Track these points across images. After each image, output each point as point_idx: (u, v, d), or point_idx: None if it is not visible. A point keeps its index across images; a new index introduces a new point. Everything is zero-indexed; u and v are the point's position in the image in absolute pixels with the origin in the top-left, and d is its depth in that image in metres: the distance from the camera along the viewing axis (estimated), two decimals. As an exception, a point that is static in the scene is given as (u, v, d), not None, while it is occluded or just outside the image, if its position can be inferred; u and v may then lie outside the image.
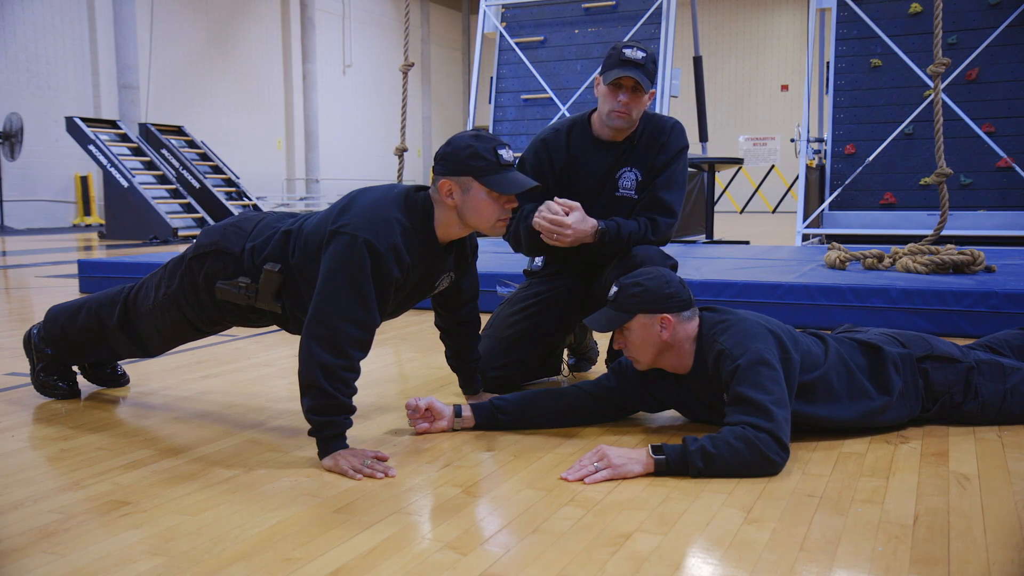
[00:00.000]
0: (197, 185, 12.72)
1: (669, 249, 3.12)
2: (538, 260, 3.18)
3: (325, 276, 2.18)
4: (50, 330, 2.78)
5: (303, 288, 2.32)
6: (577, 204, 2.75)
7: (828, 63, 8.44)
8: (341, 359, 2.13)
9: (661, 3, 8.88)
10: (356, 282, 2.14)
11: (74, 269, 6.71)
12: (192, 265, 2.46)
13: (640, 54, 2.78)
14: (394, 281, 2.21)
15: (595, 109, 2.94)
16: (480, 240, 2.59)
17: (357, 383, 2.19)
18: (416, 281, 2.35)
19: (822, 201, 7.91)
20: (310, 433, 2.18)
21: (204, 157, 13.67)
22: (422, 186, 2.36)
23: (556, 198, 2.76)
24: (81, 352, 2.82)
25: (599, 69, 2.88)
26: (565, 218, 2.69)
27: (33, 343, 2.83)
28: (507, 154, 2.26)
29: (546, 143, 2.97)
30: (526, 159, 3.00)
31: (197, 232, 11.81)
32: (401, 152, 6.80)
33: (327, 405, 2.13)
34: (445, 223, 2.29)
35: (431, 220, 2.29)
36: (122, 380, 3.04)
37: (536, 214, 2.74)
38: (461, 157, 2.23)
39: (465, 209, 2.26)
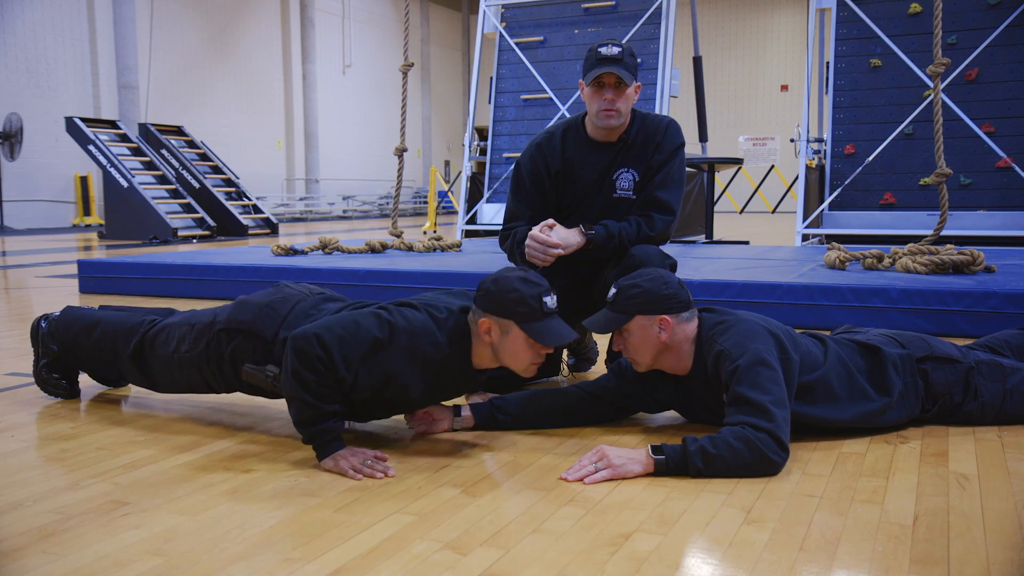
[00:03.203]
0: (197, 185, 12.73)
1: (669, 249, 3.13)
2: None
3: (346, 314, 2.19)
4: (62, 333, 2.78)
5: None
6: (551, 220, 2.80)
7: (828, 63, 8.44)
8: (316, 375, 2.11)
9: (661, 3, 8.88)
10: (358, 339, 2.12)
11: (74, 269, 6.71)
12: (221, 337, 2.43)
13: (616, 49, 2.79)
14: (388, 375, 2.17)
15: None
16: (480, 240, 2.59)
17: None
18: (441, 395, 2.38)
19: (822, 201, 7.91)
20: (305, 442, 2.18)
21: (204, 157, 13.68)
22: (467, 307, 2.31)
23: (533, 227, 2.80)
24: (88, 365, 2.84)
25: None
26: (550, 239, 2.72)
27: (41, 335, 2.82)
28: (551, 302, 2.22)
29: (541, 148, 2.98)
30: (522, 165, 3.00)
31: (197, 232, 11.81)
32: (401, 152, 6.81)
33: (313, 415, 2.13)
34: (479, 355, 2.27)
35: (469, 350, 2.27)
36: (123, 380, 3.04)
37: (526, 244, 2.79)
38: (506, 300, 2.19)
39: (501, 349, 2.23)
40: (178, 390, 2.64)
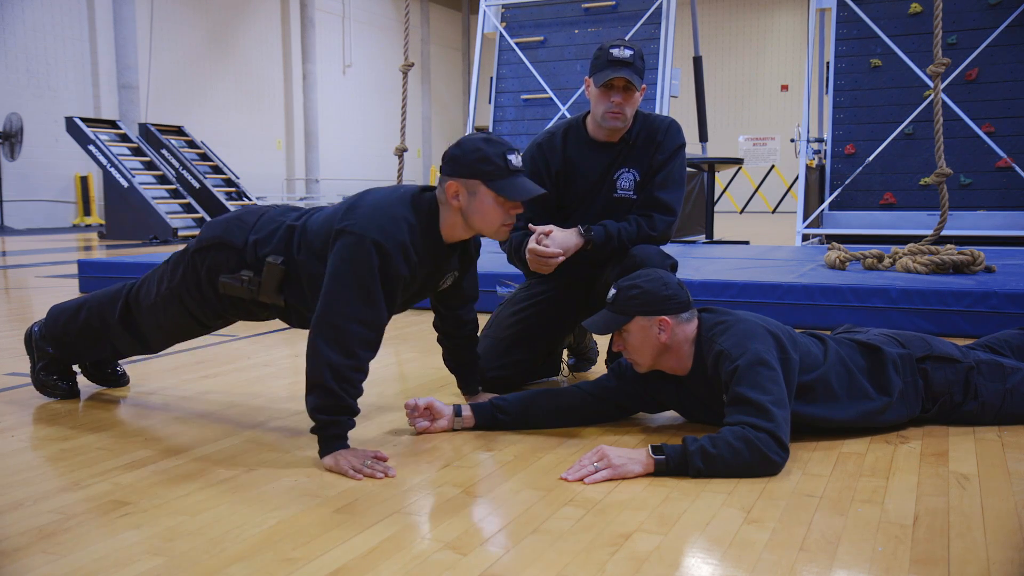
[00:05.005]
0: (197, 185, 12.72)
1: (669, 249, 3.12)
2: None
3: (332, 275, 2.18)
4: (51, 329, 2.78)
5: (306, 283, 2.32)
6: (550, 227, 2.76)
7: (828, 63, 8.44)
8: (349, 359, 2.13)
9: (661, 3, 8.88)
10: (363, 281, 2.14)
11: (74, 269, 6.71)
12: (195, 259, 2.46)
13: (628, 52, 2.78)
14: (402, 279, 2.21)
15: (589, 111, 2.94)
16: (481, 239, 2.60)
17: (363, 384, 2.19)
18: (422, 279, 2.36)
19: (822, 201, 7.91)
20: (313, 430, 2.18)
21: (204, 157, 13.67)
22: (429, 187, 2.35)
23: (531, 226, 2.77)
24: (83, 351, 2.82)
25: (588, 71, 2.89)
26: (549, 248, 2.71)
27: (34, 341, 2.83)
28: (516, 159, 2.25)
29: (542, 147, 2.98)
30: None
31: (197, 232, 11.80)
32: (401, 152, 6.81)
33: (333, 405, 2.14)
34: (450, 224, 2.29)
35: (437, 220, 2.29)
36: (122, 380, 3.04)
37: (527, 255, 2.76)
38: (470, 160, 2.22)
39: (470, 212, 2.25)
40: (169, 339, 2.65)
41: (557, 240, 2.74)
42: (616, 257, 2.85)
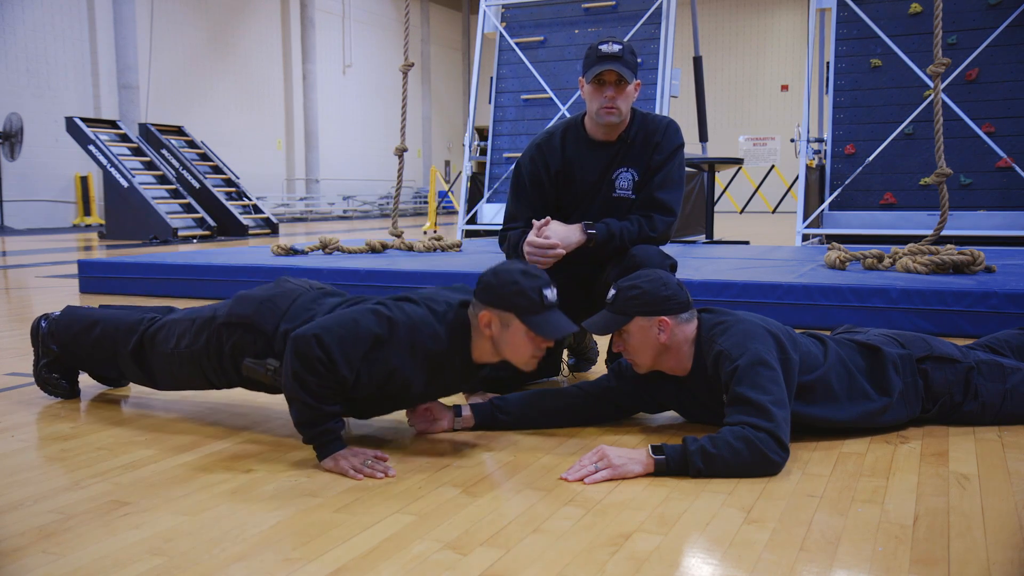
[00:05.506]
0: (197, 185, 12.73)
1: (669, 249, 3.13)
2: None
3: (338, 314, 2.18)
4: (62, 332, 2.77)
5: None
6: (546, 218, 2.77)
7: (828, 63, 8.44)
8: (315, 376, 2.11)
9: (661, 3, 8.88)
10: (357, 337, 2.12)
11: (74, 269, 6.71)
12: (221, 332, 2.43)
13: (616, 47, 2.79)
14: (390, 370, 2.17)
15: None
16: (480, 240, 2.59)
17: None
18: (436, 390, 2.37)
19: (822, 201, 7.91)
20: (305, 442, 2.18)
21: (204, 157, 13.68)
22: (467, 301, 2.31)
23: (533, 220, 2.77)
24: (88, 364, 2.84)
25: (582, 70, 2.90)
26: (548, 240, 2.71)
27: (41, 335, 2.82)
28: (551, 295, 2.23)
29: (541, 148, 2.98)
30: (522, 165, 3.01)
31: (197, 232, 11.82)
32: (401, 152, 6.81)
33: (313, 416, 2.13)
34: (480, 349, 2.27)
35: (468, 344, 2.27)
36: (123, 380, 3.04)
37: (525, 249, 2.76)
38: (506, 293, 2.19)
39: (502, 342, 2.23)
40: (178, 387, 2.64)
41: (557, 233, 2.74)
42: (616, 257, 2.85)
